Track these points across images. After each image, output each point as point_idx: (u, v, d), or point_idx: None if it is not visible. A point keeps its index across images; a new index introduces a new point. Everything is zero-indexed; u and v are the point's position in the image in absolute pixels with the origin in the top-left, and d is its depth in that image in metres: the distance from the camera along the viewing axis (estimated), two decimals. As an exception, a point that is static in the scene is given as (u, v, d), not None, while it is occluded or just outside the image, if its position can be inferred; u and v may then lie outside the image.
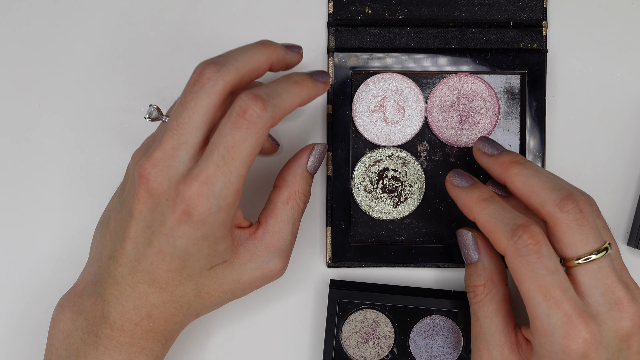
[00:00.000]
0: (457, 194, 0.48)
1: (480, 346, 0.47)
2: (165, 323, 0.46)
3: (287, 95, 0.44)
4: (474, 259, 0.49)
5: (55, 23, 0.55)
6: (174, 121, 0.43)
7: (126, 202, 0.45)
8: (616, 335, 0.44)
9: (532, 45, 0.54)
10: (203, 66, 0.44)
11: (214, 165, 0.43)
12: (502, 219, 0.45)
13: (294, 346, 0.55)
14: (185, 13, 0.55)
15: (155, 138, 0.47)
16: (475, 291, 0.48)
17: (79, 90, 0.55)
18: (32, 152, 0.55)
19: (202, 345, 0.55)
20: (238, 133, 0.42)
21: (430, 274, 0.55)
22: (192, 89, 0.43)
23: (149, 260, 0.44)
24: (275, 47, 0.46)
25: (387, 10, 0.54)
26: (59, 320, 0.47)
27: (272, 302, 0.55)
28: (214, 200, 0.43)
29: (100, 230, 0.48)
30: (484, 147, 0.49)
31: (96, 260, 0.47)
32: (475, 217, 0.46)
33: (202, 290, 0.46)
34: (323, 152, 0.49)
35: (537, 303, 0.43)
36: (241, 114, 0.42)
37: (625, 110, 0.55)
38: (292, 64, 0.48)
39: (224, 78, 0.43)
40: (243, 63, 0.44)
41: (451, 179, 0.49)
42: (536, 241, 0.43)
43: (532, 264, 0.43)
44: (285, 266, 0.48)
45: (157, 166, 0.43)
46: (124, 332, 0.45)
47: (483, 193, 0.47)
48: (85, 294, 0.47)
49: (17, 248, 0.55)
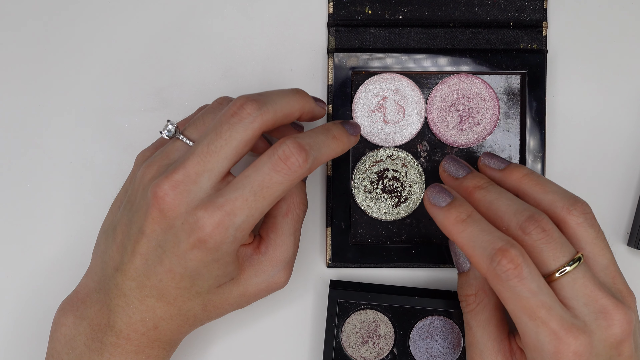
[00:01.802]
0: (434, 213, 0.46)
1: (475, 355, 0.47)
2: (171, 333, 0.47)
3: (326, 149, 0.46)
4: (465, 268, 0.49)
5: (57, 25, 0.55)
6: (205, 147, 0.44)
7: (136, 217, 0.45)
8: (606, 344, 0.43)
9: (532, 45, 0.54)
10: (244, 100, 0.44)
11: (242, 199, 0.43)
12: (480, 242, 0.43)
13: (294, 346, 0.55)
14: (186, 13, 0.55)
15: (168, 155, 0.47)
16: (467, 300, 0.48)
17: (80, 92, 0.55)
18: (34, 153, 0.55)
19: (202, 345, 0.55)
20: (276, 176, 0.43)
21: (430, 275, 0.55)
22: (230, 120, 0.44)
23: (159, 278, 0.45)
24: (308, 99, 0.47)
25: (387, 10, 0.54)
26: (61, 324, 0.47)
27: (272, 303, 0.55)
28: (232, 231, 0.43)
29: (105, 239, 0.47)
30: (448, 168, 0.50)
31: (100, 268, 0.47)
32: (454, 239, 0.45)
33: (209, 304, 0.47)
34: None
35: (524, 322, 0.43)
36: (284, 159, 0.43)
37: (625, 110, 0.55)
38: (317, 117, 0.49)
39: (263, 117, 0.44)
40: (281, 107, 0.45)
41: (429, 196, 0.47)
42: (516, 265, 0.42)
43: (514, 287, 0.42)
44: (288, 277, 0.49)
45: (176, 189, 0.43)
46: (129, 341, 0.46)
47: (460, 213, 0.45)
48: (89, 301, 0.47)
49: (19, 250, 0.55)
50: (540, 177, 0.48)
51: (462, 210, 0.45)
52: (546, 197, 0.46)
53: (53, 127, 0.55)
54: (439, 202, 0.46)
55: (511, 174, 0.48)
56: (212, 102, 0.49)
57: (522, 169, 0.48)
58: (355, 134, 0.49)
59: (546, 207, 0.46)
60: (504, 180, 0.49)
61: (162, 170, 0.46)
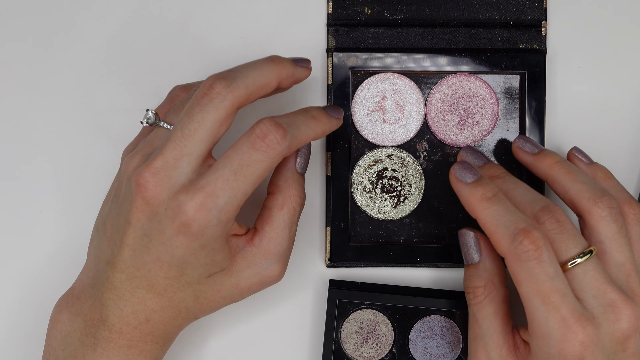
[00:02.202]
0: (460, 189, 0.47)
1: (479, 347, 0.47)
2: (164, 327, 0.46)
3: (305, 128, 0.45)
4: (475, 260, 0.49)
5: (53, 23, 0.55)
6: (179, 132, 0.43)
7: (123, 208, 0.45)
8: (612, 338, 0.44)
9: (532, 45, 0.54)
10: (213, 80, 0.44)
11: (223, 179, 0.43)
12: (503, 221, 0.44)
13: (293, 346, 0.55)
14: (185, 13, 0.55)
15: (151, 143, 0.47)
16: (475, 292, 0.48)
17: (77, 90, 0.55)
18: (30, 152, 0.55)
19: (200, 344, 0.55)
20: (255, 154, 0.43)
21: (429, 274, 0.55)
22: (200, 102, 0.44)
23: (147, 267, 0.45)
24: (284, 64, 0.46)
25: (386, 10, 0.54)
26: (57, 321, 0.47)
27: (271, 302, 0.55)
28: (215, 213, 0.43)
29: (97, 234, 0.47)
30: (467, 157, 0.51)
31: (94, 264, 0.47)
32: (477, 216, 0.46)
33: (201, 296, 0.46)
34: (308, 150, 0.49)
35: (536, 307, 0.43)
36: (262, 137, 0.43)
37: (624, 110, 0.55)
38: (301, 79, 0.48)
39: (233, 94, 0.44)
40: (252, 80, 0.44)
41: (455, 172, 0.48)
42: (537, 247, 0.43)
43: (532, 269, 0.43)
44: (283, 271, 0.48)
45: (157, 175, 0.43)
46: (122, 335, 0.46)
47: (487, 191, 0.46)
48: (84, 296, 0.47)
49: (15, 248, 0.55)
50: (572, 166, 0.49)
51: (489, 189, 0.46)
52: (574, 187, 0.47)
53: (50, 126, 0.55)
54: (465, 178, 0.47)
55: (544, 160, 0.49)
56: None
57: (554, 155, 0.49)
58: (337, 116, 0.48)
59: (573, 196, 0.47)
60: (535, 165, 0.50)
61: (145, 159, 0.46)
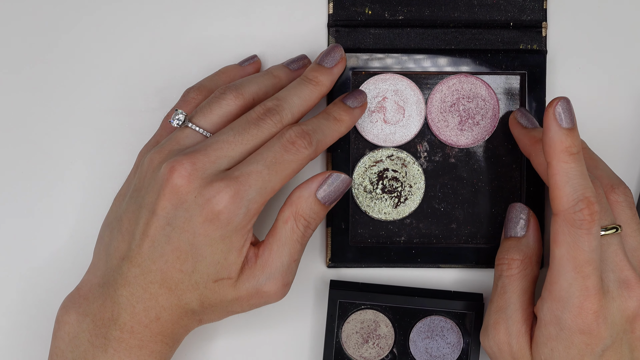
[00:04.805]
0: (553, 128, 0.44)
1: (500, 320, 0.48)
2: (172, 326, 0.47)
3: (329, 131, 0.48)
4: (520, 234, 0.50)
5: (57, 24, 0.55)
6: (231, 137, 0.46)
7: (146, 199, 0.46)
8: (622, 315, 0.45)
9: (532, 45, 0.54)
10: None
11: (256, 171, 0.45)
12: (574, 182, 0.44)
13: (294, 346, 0.55)
14: (186, 13, 0.55)
15: (178, 141, 0.47)
16: (510, 264, 0.49)
17: (80, 92, 0.55)
18: (34, 153, 0.55)
19: (203, 346, 0.55)
20: (286, 154, 0.46)
21: (430, 274, 0.55)
22: (259, 123, 0.47)
23: (164, 259, 0.45)
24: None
25: (387, 11, 0.54)
26: (64, 322, 0.47)
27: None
28: (245, 202, 0.45)
29: (110, 231, 0.48)
30: (520, 118, 0.52)
31: (104, 262, 0.47)
32: (553, 164, 0.45)
33: (205, 301, 0.47)
34: (340, 184, 0.48)
35: (565, 270, 0.44)
36: (291, 142, 0.46)
37: (625, 110, 0.56)
38: (340, 72, 0.52)
39: (283, 123, 0.47)
40: (297, 108, 0.48)
41: (555, 111, 0.44)
42: (592, 219, 0.44)
43: (579, 237, 0.44)
44: (282, 289, 0.48)
45: (195, 165, 0.45)
46: (133, 335, 0.46)
47: (575, 146, 0.44)
48: (92, 296, 0.47)
49: (21, 248, 0.55)
50: (595, 154, 0.51)
51: (577, 144, 0.45)
52: (595, 172, 0.49)
53: (54, 126, 0.55)
54: (562, 121, 0.45)
55: None
56: (216, 90, 0.49)
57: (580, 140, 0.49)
58: (359, 104, 0.51)
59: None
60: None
61: (173, 154, 0.46)
